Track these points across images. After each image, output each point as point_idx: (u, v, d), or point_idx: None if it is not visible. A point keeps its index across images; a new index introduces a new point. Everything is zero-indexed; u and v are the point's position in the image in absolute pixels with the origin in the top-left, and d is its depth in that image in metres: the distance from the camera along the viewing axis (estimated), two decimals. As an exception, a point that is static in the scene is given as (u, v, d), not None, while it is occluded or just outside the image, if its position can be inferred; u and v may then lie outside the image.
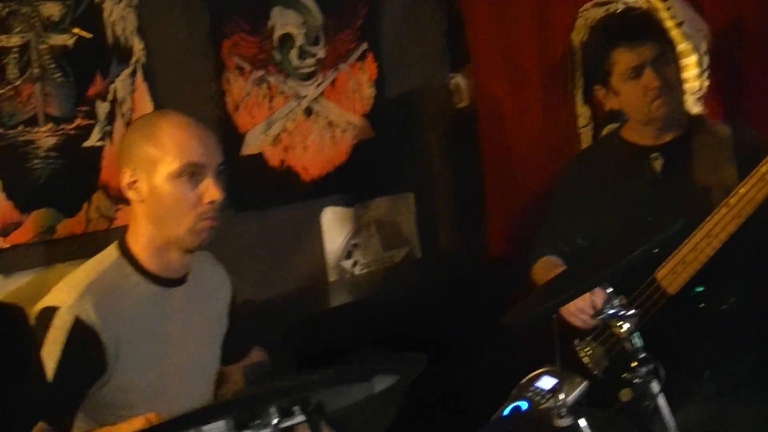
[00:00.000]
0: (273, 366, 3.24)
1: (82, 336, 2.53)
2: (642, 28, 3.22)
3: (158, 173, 2.63)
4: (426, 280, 4.43)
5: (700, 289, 3.03)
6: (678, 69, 3.25)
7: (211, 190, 2.63)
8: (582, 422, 2.43)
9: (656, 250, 3.00)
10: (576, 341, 3.27)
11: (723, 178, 3.09)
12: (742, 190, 2.89)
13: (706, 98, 3.74)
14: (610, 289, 2.52)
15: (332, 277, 4.26)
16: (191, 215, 2.63)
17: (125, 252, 2.72)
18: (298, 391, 1.87)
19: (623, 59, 3.13)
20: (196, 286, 2.83)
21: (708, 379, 3.16)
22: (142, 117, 2.90)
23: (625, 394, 2.92)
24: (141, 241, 2.70)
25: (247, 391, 2.03)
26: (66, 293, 2.60)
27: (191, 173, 2.61)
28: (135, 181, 2.67)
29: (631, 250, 2.45)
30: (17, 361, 2.45)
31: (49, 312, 2.56)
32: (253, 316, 3.68)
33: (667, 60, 3.16)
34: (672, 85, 3.15)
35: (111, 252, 2.74)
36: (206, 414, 1.87)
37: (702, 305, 3.05)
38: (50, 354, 2.51)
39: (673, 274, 3.04)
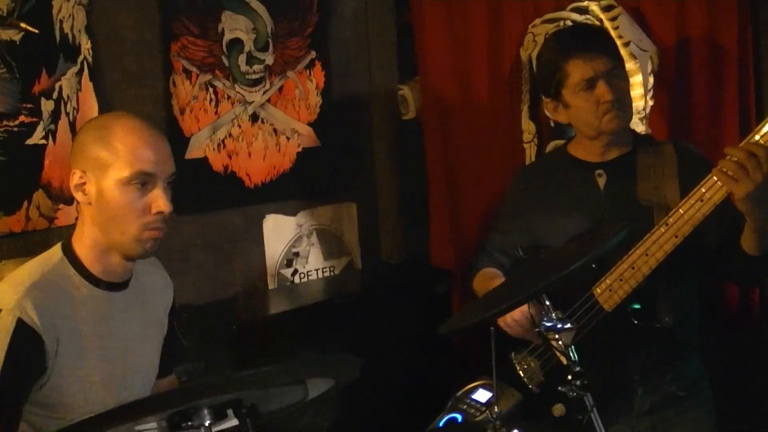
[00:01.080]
0: (208, 370, 3.24)
1: (24, 337, 2.48)
2: (597, 40, 3.23)
3: (108, 178, 2.57)
4: (366, 290, 4.43)
5: (637, 306, 3.05)
6: (628, 85, 3.27)
7: (159, 201, 2.59)
8: (515, 435, 2.44)
9: (593, 266, 3.05)
10: (513, 354, 3.29)
11: (665, 197, 3.12)
12: (681, 210, 2.92)
13: (651, 118, 3.79)
14: (547, 302, 2.54)
15: (272, 284, 4.25)
16: (137, 224, 2.59)
17: (69, 253, 2.67)
18: (230, 386, 1.87)
19: (577, 71, 3.14)
20: (138, 290, 2.80)
21: (641, 396, 3.18)
22: (97, 118, 2.83)
23: (558, 410, 2.96)
24: (86, 243, 2.66)
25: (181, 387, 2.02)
26: (8, 294, 2.54)
27: (141, 182, 2.57)
28: (84, 183, 2.61)
29: (570, 263, 2.47)
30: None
31: None
32: (191, 320, 3.68)
33: (619, 75, 3.18)
34: (623, 100, 3.17)
35: (54, 252, 2.69)
36: (138, 409, 1.86)
37: (637, 322, 3.07)
38: None
39: (609, 290, 3.06)
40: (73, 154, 2.66)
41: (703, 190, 2.87)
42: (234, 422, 1.97)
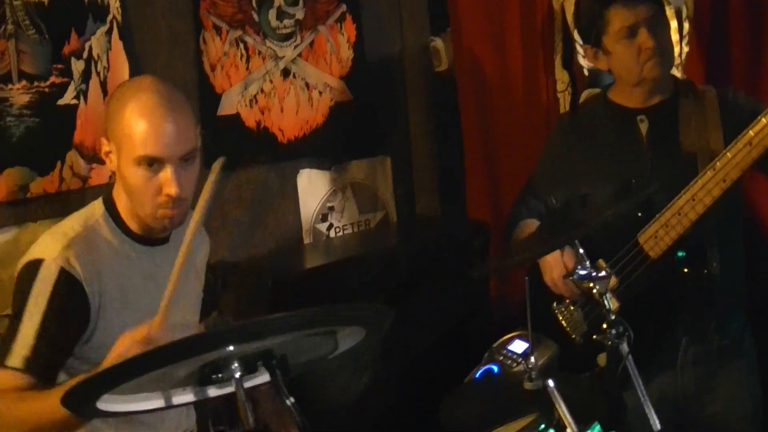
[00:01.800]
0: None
1: (67, 287, 2.51)
2: None
3: (123, 154, 2.56)
4: (402, 244, 4.42)
5: (682, 254, 3.03)
6: (670, 31, 3.22)
7: (167, 185, 2.55)
8: (550, 384, 2.42)
9: (639, 214, 3.02)
10: (554, 304, 3.27)
11: (709, 143, 3.07)
12: (729, 154, 2.87)
13: (687, 64, 3.74)
14: (581, 250, 2.51)
15: (307, 239, 4.25)
16: (150, 203, 2.58)
17: (110, 208, 2.69)
18: (259, 331, 1.86)
19: (618, 18, 3.08)
20: (179, 246, 2.80)
21: (685, 347, 3.16)
22: (123, 86, 2.74)
23: (602, 359, 2.94)
24: (123, 201, 2.67)
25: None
26: (50, 246, 2.56)
27: (149, 164, 2.54)
28: (110, 152, 2.61)
29: (602, 212, 2.45)
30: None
31: (35, 265, 2.53)
32: (227, 277, 3.70)
33: (660, 21, 3.12)
34: (665, 47, 3.12)
35: (96, 207, 2.70)
36: (167, 354, 1.84)
37: (686, 270, 3.04)
38: (36, 306, 2.49)
39: (655, 238, 3.02)
40: (104, 118, 2.65)
41: (752, 134, 2.82)
42: (265, 378, 1.97)
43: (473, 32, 4.37)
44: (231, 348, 1.87)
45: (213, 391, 2.03)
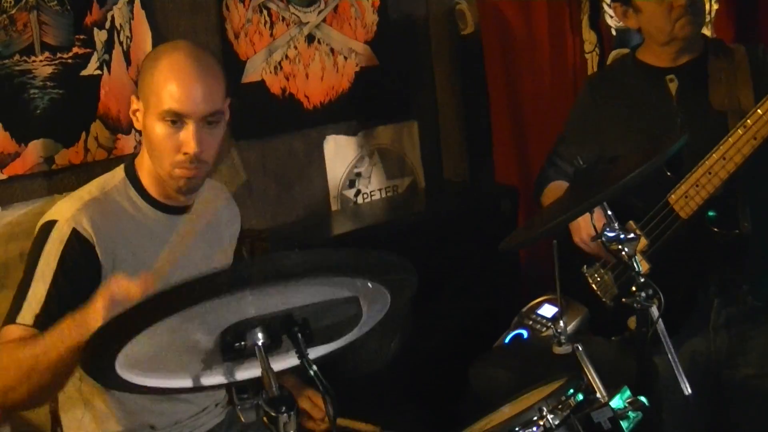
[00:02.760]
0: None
1: (79, 248, 2.55)
2: None
3: (149, 110, 2.62)
4: (430, 209, 4.40)
5: (712, 213, 3.00)
6: None
7: (187, 142, 2.59)
8: (579, 348, 2.40)
9: (668, 173, 2.99)
10: (584, 268, 3.25)
11: (739, 101, 3.05)
12: (760, 111, 2.83)
13: (716, 22, 3.68)
14: (609, 212, 2.49)
15: (335, 206, 4.23)
16: (168, 160, 2.62)
17: (130, 174, 2.74)
18: (278, 273, 1.83)
19: None
20: (203, 216, 2.81)
21: (717, 308, 3.14)
22: (159, 47, 2.86)
23: (633, 322, 2.91)
24: (145, 167, 2.72)
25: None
26: (66, 207, 2.63)
27: (172, 120, 2.58)
28: (137, 110, 2.67)
29: (630, 172, 2.42)
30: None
31: (48, 225, 2.59)
32: (255, 245, 3.68)
33: None
34: (696, 5, 3.08)
35: (117, 173, 2.77)
36: (186, 292, 1.81)
37: (717, 230, 3.00)
38: (47, 265, 2.53)
39: (686, 197, 3.00)
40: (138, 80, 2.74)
41: None
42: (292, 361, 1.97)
43: (499, -7, 4.34)
44: (252, 312, 1.86)
45: (240, 374, 2.04)
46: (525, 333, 3.36)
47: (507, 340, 3.42)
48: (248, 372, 2.02)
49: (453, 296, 3.95)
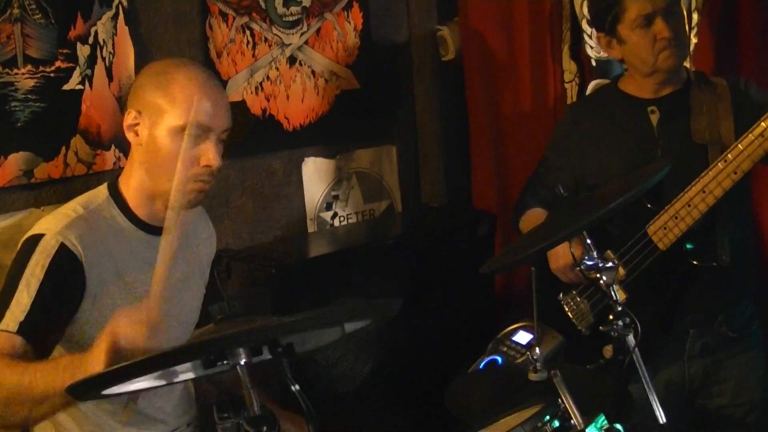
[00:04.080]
0: (247, 310, 3.24)
1: (66, 261, 2.54)
2: None
3: (162, 124, 2.60)
4: (407, 233, 4.41)
5: (690, 245, 3.02)
6: (685, 21, 3.21)
7: (209, 155, 2.61)
8: (556, 375, 2.41)
9: (649, 205, 3.01)
10: (560, 295, 3.26)
11: (720, 134, 3.06)
12: (741, 146, 2.86)
13: (696, 55, 3.72)
14: (588, 240, 2.50)
15: (311, 228, 4.24)
16: (183, 174, 2.58)
17: (114, 194, 2.72)
18: (267, 335, 1.86)
19: (635, 6, 3.06)
20: (183, 238, 2.79)
21: (693, 338, 3.16)
22: (159, 62, 2.82)
23: (608, 351, 2.93)
24: (132, 185, 2.70)
25: (217, 334, 2.02)
26: (53, 222, 2.61)
27: (195, 133, 2.57)
28: (137, 124, 2.64)
29: (611, 201, 2.43)
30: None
31: (35, 238, 2.57)
32: (231, 264, 3.69)
33: (677, 11, 3.11)
34: (680, 38, 3.11)
35: (100, 192, 2.74)
36: (176, 355, 1.86)
37: (696, 263, 3.02)
38: (33, 275, 2.51)
39: (664, 229, 3.02)
40: (130, 93, 2.70)
41: (764, 125, 2.81)
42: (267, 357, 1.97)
43: (481, 21, 4.35)
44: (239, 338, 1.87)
45: (212, 369, 2.04)
46: (500, 359, 3.36)
47: (481, 366, 3.42)
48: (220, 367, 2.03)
49: (428, 321, 3.95)
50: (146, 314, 2.31)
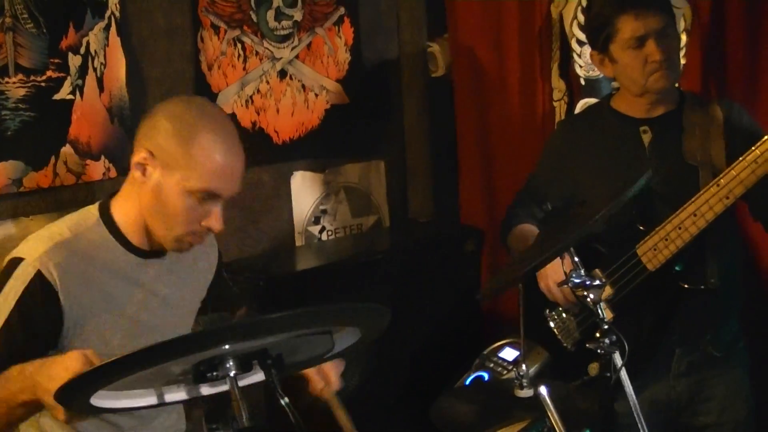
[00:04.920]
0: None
1: (40, 291, 2.46)
2: None
3: (174, 178, 2.49)
4: (394, 248, 4.42)
5: (680, 267, 3.03)
6: (679, 43, 3.21)
7: (214, 220, 2.55)
8: (542, 391, 2.42)
9: (641, 227, 3.02)
10: (547, 311, 3.27)
11: (711, 157, 3.07)
12: (734, 171, 2.86)
13: (684, 77, 3.73)
14: (576, 258, 2.51)
15: (299, 241, 4.24)
16: (184, 228, 2.54)
17: (105, 216, 2.62)
18: (254, 330, 1.86)
19: (629, 27, 3.06)
20: (176, 258, 2.74)
21: (679, 357, 3.17)
22: (184, 105, 2.61)
23: (594, 368, 2.94)
24: (128, 214, 2.60)
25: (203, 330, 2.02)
26: (34, 247, 2.52)
27: (205, 197, 2.51)
28: (146, 165, 2.52)
29: (592, 216, 2.44)
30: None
31: (15, 262, 2.50)
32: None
33: (670, 33, 3.10)
34: (672, 60, 3.11)
35: (91, 214, 2.64)
36: (160, 352, 1.85)
37: (687, 286, 3.03)
38: (5, 302, 2.46)
39: (654, 250, 3.02)
40: (144, 128, 2.56)
41: (758, 152, 2.82)
42: (260, 377, 1.97)
43: (471, 38, 4.37)
44: (227, 347, 1.86)
45: (206, 390, 2.03)
46: (486, 375, 3.37)
47: (467, 382, 3.43)
48: (214, 389, 2.03)
49: (414, 336, 3.96)
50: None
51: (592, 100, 3.84)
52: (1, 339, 2.44)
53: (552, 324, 3.25)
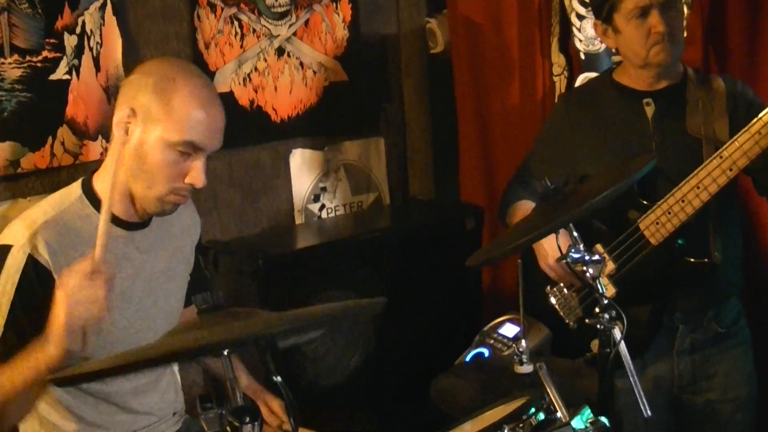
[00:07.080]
0: (234, 302, 3.23)
1: (35, 275, 2.48)
2: None
3: (154, 132, 2.51)
4: (394, 226, 4.41)
5: (682, 242, 3.01)
6: (682, 18, 3.19)
7: (196, 175, 2.55)
8: (541, 368, 2.41)
9: (645, 202, 3.01)
10: (548, 287, 3.26)
11: (715, 132, 3.05)
12: (737, 142, 2.85)
13: (685, 48, 3.71)
14: (575, 233, 2.50)
15: (299, 219, 4.23)
16: (166, 186, 2.55)
17: (88, 191, 2.63)
18: (255, 339, 1.86)
19: None
20: (163, 228, 2.76)
21: (682, 334, 3.16)
22: (165, 64, 2.68)
23: (596, 345, 2.93)
24: (107, 185, 2.55)
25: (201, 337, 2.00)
26: (20, 231, 2.52)
27: (186, 150, 2.52)
28: (129, 124, 2.53)
29: (596, 195, 2.43)
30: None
31: (4, 250, 2.50)
32: (218, 256, 3.68)
33: (675, 6, 3.07)
34: (675, 34, 3.08)
35: (73, 190, 2.65)
36: (157, 359, 1.85)
37: (686, 259, 3.02)
38: (5, 293, 2.47)
39: (657, 224, 3.00)
40: (126, 87, 2.60)
41: (762, 122, 2.80)
42: None
43: (470, 13, 4.34)
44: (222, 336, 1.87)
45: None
46: (486, 352, 3.37)
47: (468, 359, 3.43)
48: None
49: (415, 312, 3.96)
50: (92, 265, 2.32)
51: (592, 75, 3.82)
52: (10, 329, 2.46)
53: (554, 300, 3.24)
